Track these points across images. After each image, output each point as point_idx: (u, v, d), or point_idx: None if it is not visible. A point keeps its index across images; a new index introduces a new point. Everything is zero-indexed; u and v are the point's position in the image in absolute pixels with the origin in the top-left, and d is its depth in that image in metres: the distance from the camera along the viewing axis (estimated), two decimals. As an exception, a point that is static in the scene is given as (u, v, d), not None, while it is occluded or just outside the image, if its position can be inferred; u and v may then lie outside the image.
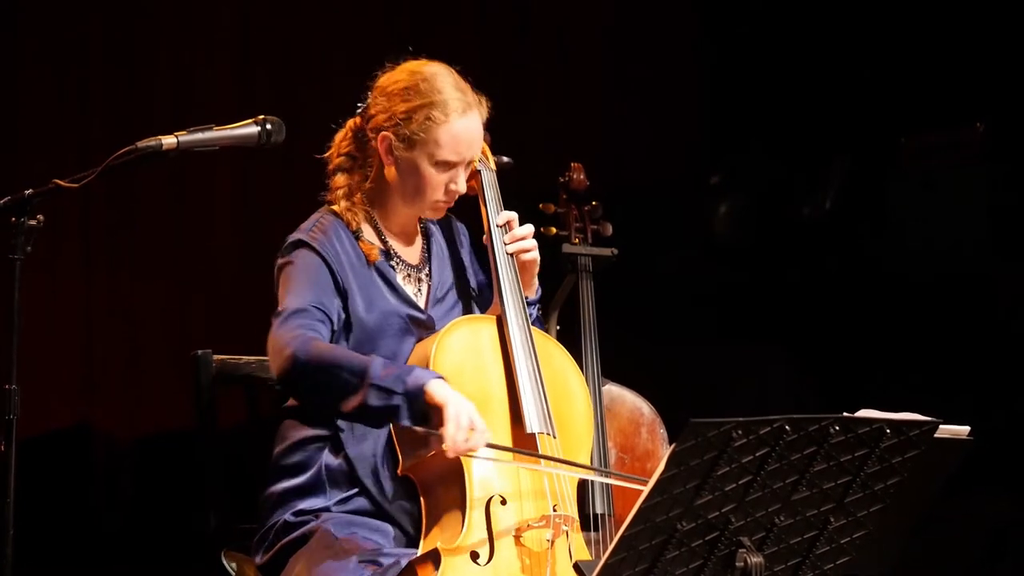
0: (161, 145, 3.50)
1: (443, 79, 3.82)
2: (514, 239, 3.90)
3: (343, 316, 3.77)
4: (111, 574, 6.18)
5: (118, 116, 6.22)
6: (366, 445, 3.75)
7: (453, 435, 3.47)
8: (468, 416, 3.50)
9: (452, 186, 3.83)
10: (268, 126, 3.62)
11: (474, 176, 3.98)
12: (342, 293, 3.77)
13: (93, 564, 6.14)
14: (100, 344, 6.28)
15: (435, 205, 3.86)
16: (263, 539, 3.80)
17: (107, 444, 6.29)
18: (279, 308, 3.70)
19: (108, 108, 6.23)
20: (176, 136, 3.53)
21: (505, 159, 4.10)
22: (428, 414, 3.52)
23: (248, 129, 3.62)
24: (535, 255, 3.94)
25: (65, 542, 6.10)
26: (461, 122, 3.80)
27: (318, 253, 3.77)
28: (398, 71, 3.86)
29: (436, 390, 3.51)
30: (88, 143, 6.17)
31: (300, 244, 3.80)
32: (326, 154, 3.92)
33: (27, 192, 3.39)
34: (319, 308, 3.70)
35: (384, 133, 3.80)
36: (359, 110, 3.89)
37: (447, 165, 3.80)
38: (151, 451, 6.30)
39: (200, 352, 4.08)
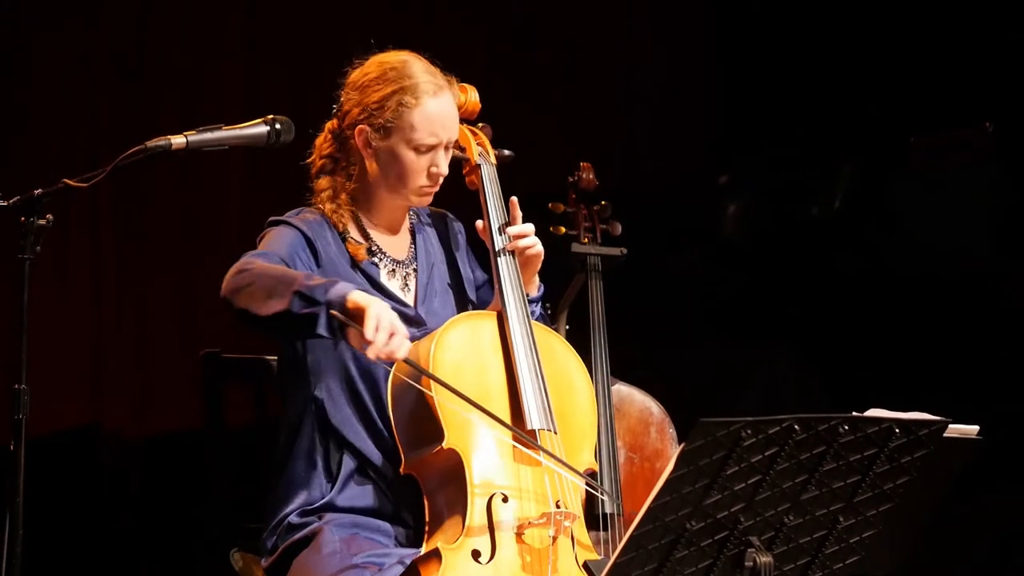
0: (170, 145, 3.50)
1: (411, 65, 3.84)
2: (515, 236, 3.90)
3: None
4: (120, 573, 6.18)
5: (127, 115, 6.22)
6: (347, 410, 3.75)
7: (372, 335, 3.44)
8: (389, 320, 3.48)
9: (434, 169, 3.82)
10: (277, 126, 3.63)
11: (474, 171, 3.98)
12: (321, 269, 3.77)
13: (102, 563, 6.14)
14: (109, 343, 6.28)
15: (420, 191, 3.85)
16: (268, 540, 3.81)
17: (116, 443, 6.29)
18: None
19: (117, 107, 6.24)
20: (185, 136, 3.53)
21: (506, 152, 4.09)
22: (345, 327, 3.49)
23: (257, 129, 3.63)
24: (538, 249, 3.93)
25: (74, 541, 6.11)
26: (433, 103, 3.80)
27: (298, 230, 3.78)
28: (367, 64, 3.88)
29: (358, 296, 3.49)
30: (97, 142, 6.18)
31: (279, 222, 3.82)
32: (308, 160, 3.92)
33: (36, 191, 3.39)
34: (281, 259, 3.68)
35: (360, 126, 3.82)
36: (335, 111, 3.90)
37: (425, 148, 3.80)
38: (160, 450, 6.31)
39: (209, 351, 4.09)
